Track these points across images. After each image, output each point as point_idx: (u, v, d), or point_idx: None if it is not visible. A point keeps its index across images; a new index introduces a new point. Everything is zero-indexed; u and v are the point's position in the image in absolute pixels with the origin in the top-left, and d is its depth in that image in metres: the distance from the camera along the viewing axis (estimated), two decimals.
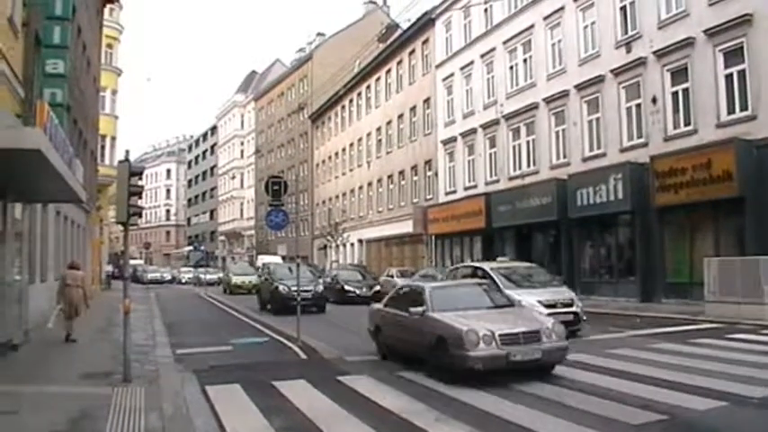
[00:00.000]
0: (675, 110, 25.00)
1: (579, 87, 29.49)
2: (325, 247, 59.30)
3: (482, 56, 37.40)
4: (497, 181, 35.63)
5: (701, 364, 11.97)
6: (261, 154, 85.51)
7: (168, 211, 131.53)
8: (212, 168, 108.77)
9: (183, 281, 65.80)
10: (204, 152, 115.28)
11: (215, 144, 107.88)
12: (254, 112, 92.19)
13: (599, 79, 28.31)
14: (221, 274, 57.45)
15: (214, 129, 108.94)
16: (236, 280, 44.78)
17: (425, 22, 44.36)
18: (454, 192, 40.19)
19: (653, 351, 13.81)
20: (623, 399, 9.59)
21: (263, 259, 61.57)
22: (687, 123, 24.37)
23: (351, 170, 58.45)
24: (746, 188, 21.34)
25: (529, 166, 33.28)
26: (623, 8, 27.54)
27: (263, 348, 16.86)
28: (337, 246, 55.74)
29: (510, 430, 8.23)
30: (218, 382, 11.50)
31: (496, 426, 8.46)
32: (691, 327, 18.07)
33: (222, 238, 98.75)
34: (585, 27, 29.67)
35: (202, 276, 55.75)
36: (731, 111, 22.80)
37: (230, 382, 11.44)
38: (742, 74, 22.46)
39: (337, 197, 61.54)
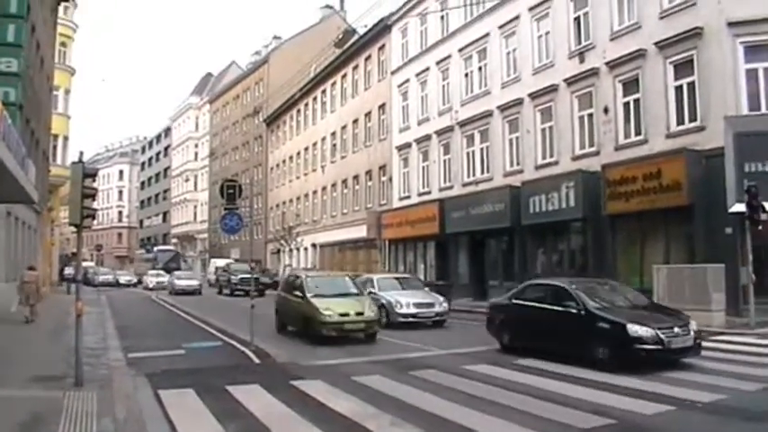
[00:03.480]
0: (627, 120, 25.25)
1: (533, 96, 29.63)
2: (278, 251, 58.75)
3: (438, 63, 37.43)
4: (451, 187, 35.65)
5: (648, 369, 12.11)
6: (215, 157, 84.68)
7: (120, 212, 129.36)
8: (166, 170, 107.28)
9: (151, 286, 55.90)
10: (158, 154, 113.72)
11: (169, 146, 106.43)
12: (208, 114, 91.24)
13: (552, 88, 28.49)
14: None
15: (168, 130, 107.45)
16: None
17: (382, 29, 44.27)
18: (408, 197, 40.14)
19: None
20: (574, 403, 9.78)
21: (215, 263, 61.01)
22: (638, 133, 24.63)
23: (305, 174, 58.03)
24: (695, 197, 21.58)
25: (483, 172, 33.33)
26: (577, 19, 27.75)
27: (216, 352, 16.68)
28: (291, 250, 55.32)
29: None
30: (172, 387, 11.35)
31: (450, 429, 8.47)
32: None
33: (175, 240, 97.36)
34: (540, 37, 29.84)
35: (182, 283, 48.78)
36: (681, 122, 23.09)
37: (183, 387, 11.28)
38: (692, 86, 22.76)
39: (291, 201, 61.07)
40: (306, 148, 58.42)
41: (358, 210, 46.96)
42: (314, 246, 54.68)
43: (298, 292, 18.85)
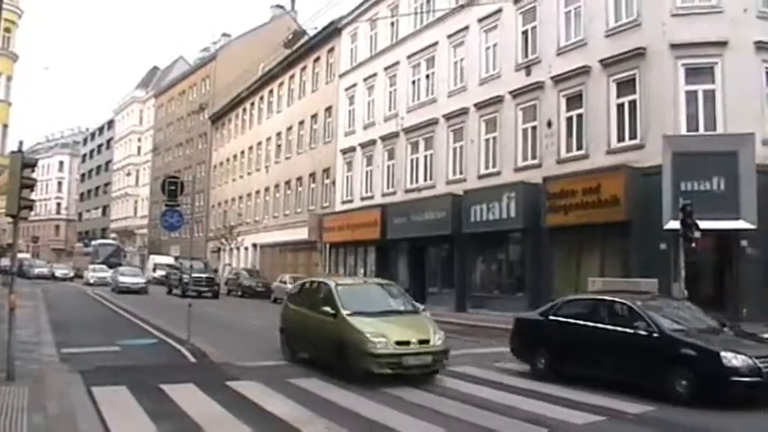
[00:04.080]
0: (569, 134, 25.49)
1: (478, 106, 29.71)
2: (218, 249, 57.98)
3: (386, 68, 37.37)
4: (394, 193, 35.58)
5: (581, 381, 12.21)
6: (158, 152, 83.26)
7: (59, 204, 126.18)
8: (107, 163, 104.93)
9: (92, 282, 51.40)
10: (100, 146, 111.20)
11: (111, 139, 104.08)
12: (153, 108, 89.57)
13: (498, 99, 28.60)
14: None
15: (111, 123, 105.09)
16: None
17: (332, 31, 44.04)
18: (351, 201, 39.96)
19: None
20: (505, 411, 9.88)
21: (154, 259, 59.91)
22: (579, 148, 24.88)
23: (249, 174, 57.42)
24: (632, 213, 21.86)
25: (426, 179, 33.32)
26: (525, 33, 27.92)
27: (151, 350, 16.41)
28: (231, 249, 54.69)
29: None
30: (105, 384, 11.17)
31: None
32: None
33: (114, 235, 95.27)
34: (488, 48, 29.97)
35: (127, 280, 43.19)
36: (621, 138, 23.40)
37: (117, 384, 11.10)
38: (633, 104, 23.10)
39: (234, 200, 60.31)
40: (250, 148, 57.82)
41: (300, 212, 46.56)
42: (254, 246, 54.11)
43: (326, 308, 13.21)
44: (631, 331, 11.68)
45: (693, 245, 18.24)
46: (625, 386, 11.39)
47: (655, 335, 11.36)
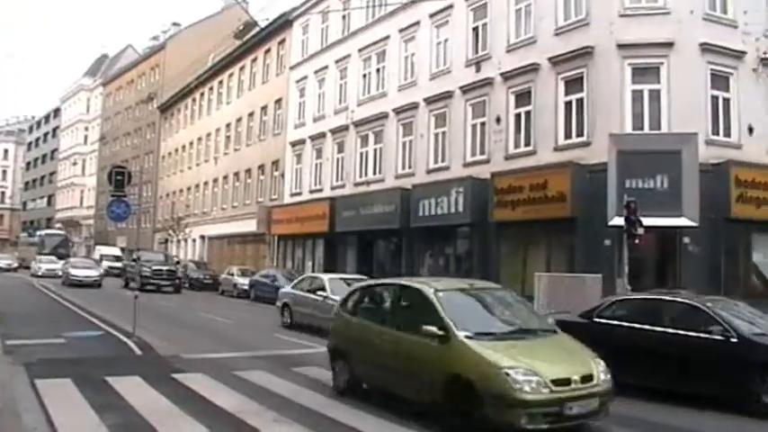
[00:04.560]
0: (517, 130, 25.45)
1: (428, 101, 29.55)
2: (166, 241, 57.05)
3: (337, 61, 37.01)
4: (343, 186, 35.30)
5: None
6: (105, 141, 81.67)
7: (3, 193, 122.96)
8: (53, 152, 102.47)
9: (40, 273, 47.99)
10: (45, 135, 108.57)
11: (57, 127, 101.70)
12: (101, 97, 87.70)
13: (448, 95, 28.49)
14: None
15: (58, 111, 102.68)
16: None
17: (283, 23, 43.49)
18: (300, 194, 39.57)
19: None
20: None
21: (100, 250, 58.71)
22: (527, 144, 24.88)
23: (197, 165, 56.50)
24: (578, 210, 21.92)
25: (375, 173, 33.12)
26: (476, 29, 27.81)
27: (97, 342, 16.02)
28: (179, 241, 53.88)
29: None
30: (49, 376, 10.91)
31: (332, 427, 8.48)
32: None
33: (59, 225, 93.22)
34: (439, 43, 29.82)
35: (80, 273, 39.43)
36: (569, 136, 23.43)
37: (61, 377, 10.89)
38: (580, 102, 23.16)
39: (182, 191, 59.34)
40: (199, 139, 56.93)
41: (249, 204, 45.96)
42: (202, 238, 53.42)
43: (428, 327, 8.97)
44: (704, 336, 10.53)
45: (637, 241, 18.36)
46: (691, 398, 10.62)
47: (732, 339, 10.26)
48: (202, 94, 57.57)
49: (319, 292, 18.75)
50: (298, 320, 19.57)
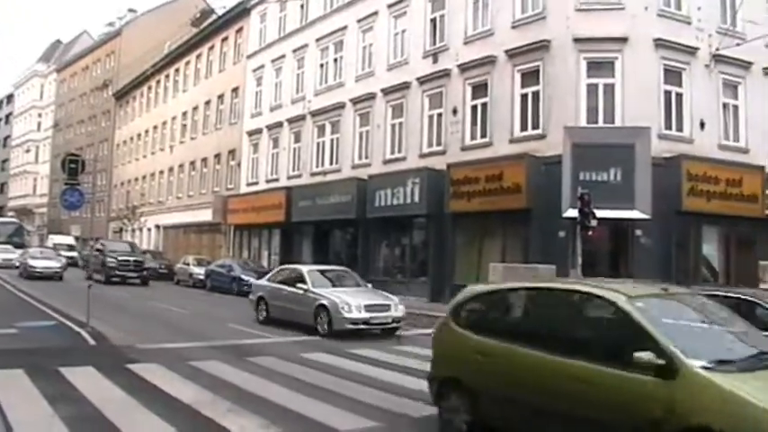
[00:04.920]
0: (474, 122, 25.42)
1: (386, 92, 29.37)
2: (120, 230, 56.05)
3: (294, 51, 36.54)
4: (300, 176, 34.95)
5: None
6: (59, 128, 79.92)
7: None
8: (5, 139, 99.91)
9: None
10: None
11: (10, 114, 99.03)
12: (55, 83, 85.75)
13: (405, 86, 28.31)
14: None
15: (10, 97, 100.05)
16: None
17: (241, 11, 42.84)
18: (256, 183, 39.09)
19: None
20: (408, 393, 9.78)
21: (53, 239, 57.42)
22: (483, 136, 24.84)
23: (153, 153, 55.52)
24: (533, 201, 21.91)
25: (331, 163, 32.85)
26: (433, 21, 27.67)
27: (50, 333, 15.52)
28: (134, 230, 52.98)
29: (302, 422, 8.10)
30: (1, 367, 10.50)
31: (287, 417, 8.24)
32: None
33: (12, 213, 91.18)
34: (396, 34, 29.58)
35: (40, 264, 35.65)
36: (524, 128, 23.46)
37: (13, 368, 10.48)
38: (536, 95, 23.19)
39: (137, 180, 58.30)
40: (155, 127, 55.87)
41: (205, 193, 45.28)
42: (158, 227, 52.56)
43: (644, 354, 5.89)
44: None
45: (590, 233, 18.50)
46: None
47: None
48: (158, 82, 56.50)
49: (299, 285, 17.47)
50: (275, 315, 18.30)
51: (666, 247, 21.51)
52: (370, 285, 19.36)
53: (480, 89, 25.22)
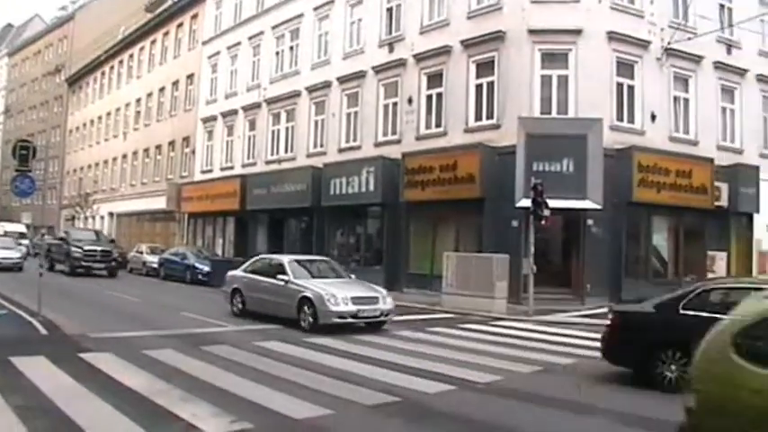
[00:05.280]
0: (429, 112, 25.28)
1: (341, 80, 29.05)
2: (73, 217, 54.73)
3: (250, 38, 35.89)
4: (254, 164, 34.46)
5: (436, 351, 12.42)
6: (10, 114, 78.00)
7: None
8: None
9: None
10: None
11: None
12: (6, 68, 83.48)
13: (360, 74, 28.04)
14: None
15: None
16: None
17: None
18: (210, 171, 38.46)
19: (392, 338, 14.22)
20: (362, 381, 9.72)
21: (4, 227, 55.84)
22: (438, 125, 24.72)
23: (106, 140, 54.12)
24: (487, 191, 21.88)
25: (287, 151, 32.43)
26: (390, 10, 27.40)
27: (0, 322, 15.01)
28: (86, 217, 51.78)
29: (254, 409, 7.97)
30: None
31: (240, 405, 8.14)
32: (428, 316, 18.64)
33: None
34: (353, 23, 29.25)
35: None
36: (479, 118, 23.39)
37: None
38: (491, 85, 23.13)
39: (90, 167, 56.85)
40: (108, 113, 54.47)
41: (159, 180, 44.36)
42: (111, 215, 51.44)
43: None
44: None
45: (543, 222, 18.51)
46: None
47: None
48: (112, 68, 55.09)
49: (280, 276, 16.20)
50: (252, 308, 17.08)
51: (617, 237, 21.67)
52: (353, 276, 17.94)
53: (435, 79, 25.07)
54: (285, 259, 17.33)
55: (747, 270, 25.06)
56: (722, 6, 25.02)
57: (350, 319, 14.86)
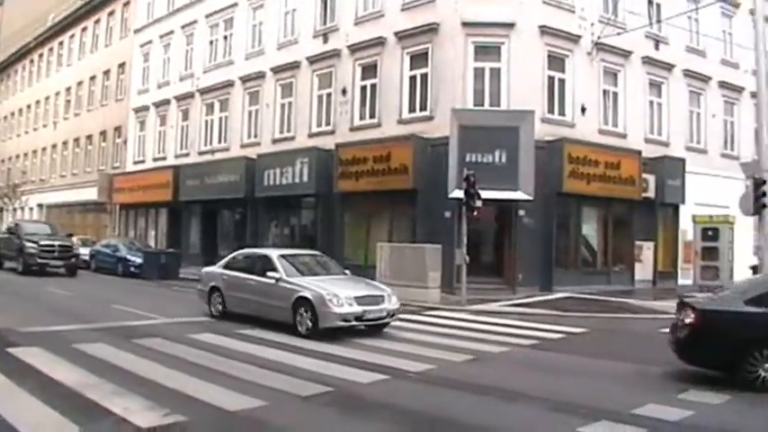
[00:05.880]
0: (363, 103, 24.98)
1: (275, 70, 28.49)
2: (1, 209, 52.91)
3: (183, 27, 34.86)
4: (187, 154, 33.60)
5: (369, 342, 12.32)
6: None
7: None
8: None
9: None
10: None
11: None
12: None
13: (295, 65, 27.54)
14: None
15: None
16: None
17: None
18: (143, 161, 37.38)
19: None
20: (294, 372, 9.59)
21: None
22: (372, 116, 24.47)
23: (35, 129, 52.26)
24: (420, 182, 21.75)
25: (220, 142, 31.73)
26: (324, 0, 26.95)
27: None
28: (15, 209, 49.98)
29: (188, 402, 7.79)
30: None
31: (174, 398, 7.95)
32: None
33: None
34: (287, 13, 28.62)
35: None
36: (413, 110, 23.20)
37: None
38: (425, 77, 22.97)
39: (18, 157, 54.81)
40: (38, 102, 52.56)
41: (90, 171, 42.91)
42: (40, 206, 49.61)
43: None
44: None
45: (475, 213, 18.43)
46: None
47: None
48: (41, 56, 53.11)
49: (270, 274, 14.04)
50: (235, 309, 14.95)
51: (548, 228, 21.75)
52: (347, 272, 15.64)
53: (370, 70, 24.77)
54: (273, 254, 15.02)
55: (673, 259, 25.57)
56: (651, 2, 25.26)
57: (354, 322, 12.91)
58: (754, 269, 19.07)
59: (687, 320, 9.35)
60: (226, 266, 15.98)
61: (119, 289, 22.51)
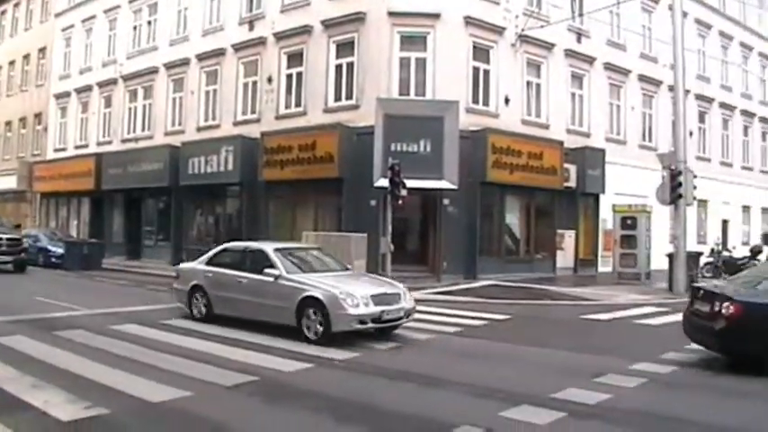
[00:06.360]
0: (288, 91, 24.56)
1: (200, 57, 27.69)
2: None
3: (106, 11, 33.49)
4: (110, 142, 32.41)
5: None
6: None
7: None
8: None
9: None
10: None
11: None
12: None
13: (220, 52, 26.83)
14: None
15: None
16: None
17: None
18: (64, 149, 35.90)
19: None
20: (221, 362, 9.41)
21: None
22: (298, 105, 24.08)
23: None
24: (345, 171, 21.50)
25: (144, 129, 30.73)
26: None
27: None
28: None
29: (110, 394, 7.53)
30: None
31: (95, 390, 7.65)
32: None
33: None
34: None
35: None
36: (338, 98, 22.92)
37: None
38: (351, 66, 22.71)
39: None
40: None
41: (9, 159, 41.03)
42: None
43: None
44: None
45: (400, 202, 18.30)
46: None
47: None
48: None
49: (267, 271, 12.09)
50: (222, 311, 12.96)
51: (472, 216, 21.77)
52: (350, 267, 14.45)
53: (296, 58, 24.31)
54: (269, 248, 12.99)
55: (593, 247, 25.96)
56: None
57: (371, 324, 11.16)
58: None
59: (726, 312, 9.05)
60: (209, 262, 13.78)
61: (40, 280, 21.60)
